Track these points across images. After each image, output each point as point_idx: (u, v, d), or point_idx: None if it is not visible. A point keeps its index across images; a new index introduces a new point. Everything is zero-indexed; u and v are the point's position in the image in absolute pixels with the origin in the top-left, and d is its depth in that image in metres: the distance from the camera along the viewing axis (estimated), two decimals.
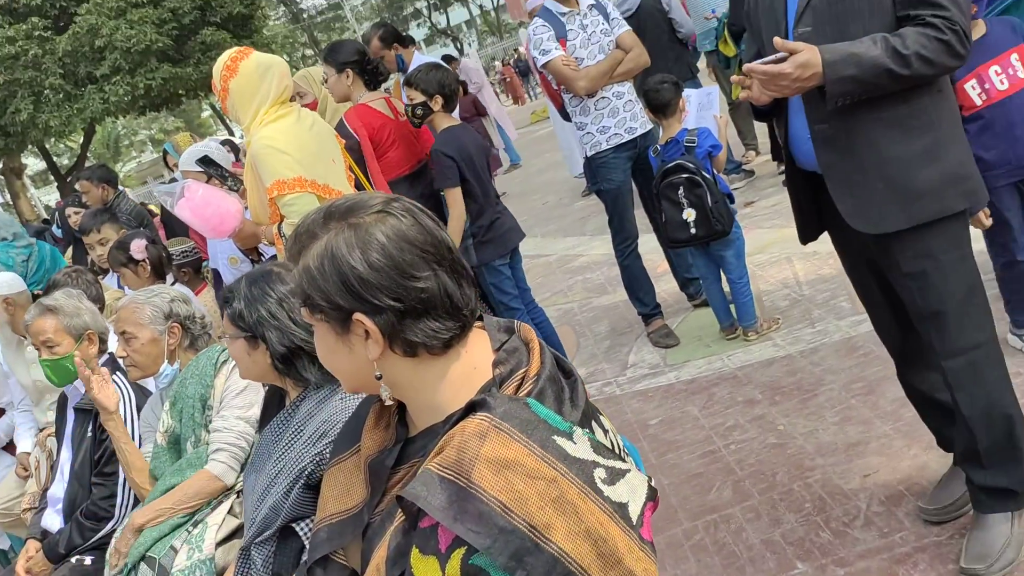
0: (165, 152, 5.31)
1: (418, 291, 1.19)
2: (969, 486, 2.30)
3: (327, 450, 1.78)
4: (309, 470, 1.79)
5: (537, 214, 9.18)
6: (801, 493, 2.81)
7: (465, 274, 1.27)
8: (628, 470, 1.17)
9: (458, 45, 57.95)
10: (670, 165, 3.86)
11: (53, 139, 18.79)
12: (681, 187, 3.83)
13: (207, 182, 3.81)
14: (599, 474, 1.14)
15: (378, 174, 3.65)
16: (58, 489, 2.90)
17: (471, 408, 1.19)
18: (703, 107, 4.31)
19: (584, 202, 8.41)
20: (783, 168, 5.01)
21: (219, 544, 2.25)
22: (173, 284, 3.82)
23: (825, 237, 2.44)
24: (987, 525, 2.23)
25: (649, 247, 5.00)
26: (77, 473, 2.80)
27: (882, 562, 2.39)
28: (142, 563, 2.27)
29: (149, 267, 3.75)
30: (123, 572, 2.28)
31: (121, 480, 2.71)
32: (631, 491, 1.15)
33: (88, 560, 2.66)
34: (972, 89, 2.82)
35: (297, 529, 1.81)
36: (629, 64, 4.20)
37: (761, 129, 7.73)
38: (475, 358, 1.28)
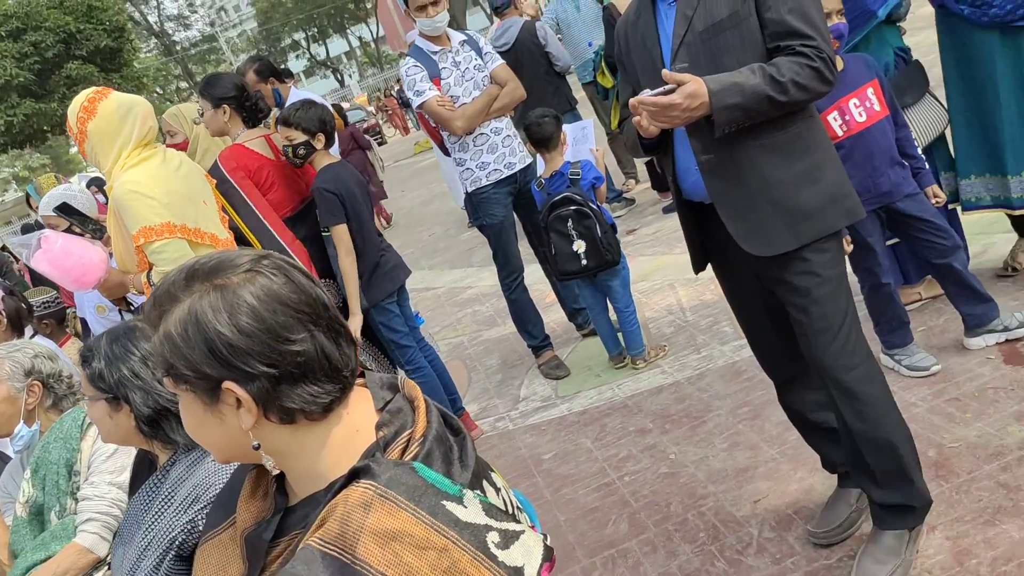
0: (28, 195, 5.00)
1: (294, 355, 1.12)
2: (869, 502, 2.35)
3: (199, 517, 1.67)
4: (180, 540, 1.67)
5: (423, 246, 9.12)
6: (695, 522, 2.82)
7: (344, 332, 1.21)
8: (522, 531, 1.13)
9: (338, 77, 57.57)
10: (557, 198, 3.87)
11: None
12: (570, 219, 3.85)
13: (68, 229, 3.60)
14: (492, 538, 1.08)
15: (270, 212, 3.50)
16: None
17: (354, 475, 1.11)
18: (578, 141, 4.38)
19: (470, 233, 8.39)
20: (663, 197, 5.03)
21: None
22: (33, 337, 3.57)
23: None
24: (882, 542, 2.28)
25: (535, 277, 5.02)
26: None
27: None
28: None
29: (5, 321, 3.50)
30: None
31: None
32: (526, 553, 1.11)
33: None
34: (834, 120, 2.94)
35: None
36: (505, 99, 4.20)
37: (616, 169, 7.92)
38: (357, 420, 1.21)
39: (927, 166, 3.22)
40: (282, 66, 7.01)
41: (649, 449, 3.38)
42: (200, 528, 1.67)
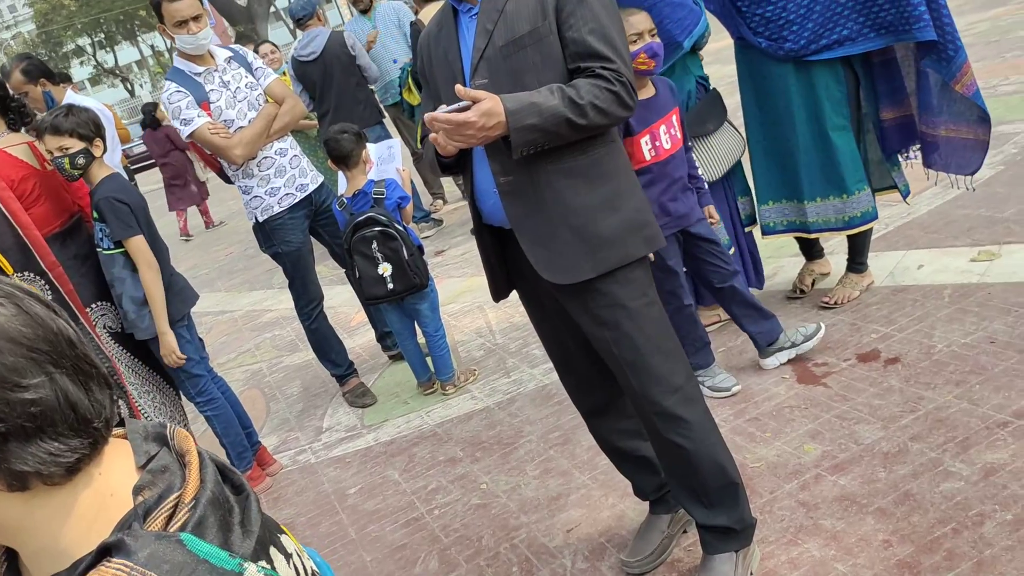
0: None
1: (26, 404, 0.89)
2: (697, 528, 2.32)
3: None
4: None
5: (220, 266, 8.63)
6: (508, 556, 2.72)
7: (95, 374, 0.99)
8: None
9: (128, 86, 54.32)
10: (361, 218, 3.68)
11: None
12: (375, 240, 3.67)
13: None
14: None
15: (31, 228, 3.07)
16: None
17: (104, 553, 0.90)
18: (384, 160, 4.21)
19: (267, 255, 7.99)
20: None
21: None
22: None
23: None
24: (712, 567, 2.26)
25: (339, 300, 4.79)
26: None
27: None
28: None
29: None
30: None
31: None
32: None
33: None
34: (645, 145, 2.95)
35: None
36: (285, 118, 3.90)
37: (448, 177, 7.86)
38: (112, 482, 0.99)
39: (706, 186, 3.31)
40: (63, 71, 6.41)
41: (460, 479, 3.26)
42: None
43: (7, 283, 0.97)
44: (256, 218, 3.95)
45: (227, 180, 4.07)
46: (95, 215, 3.23)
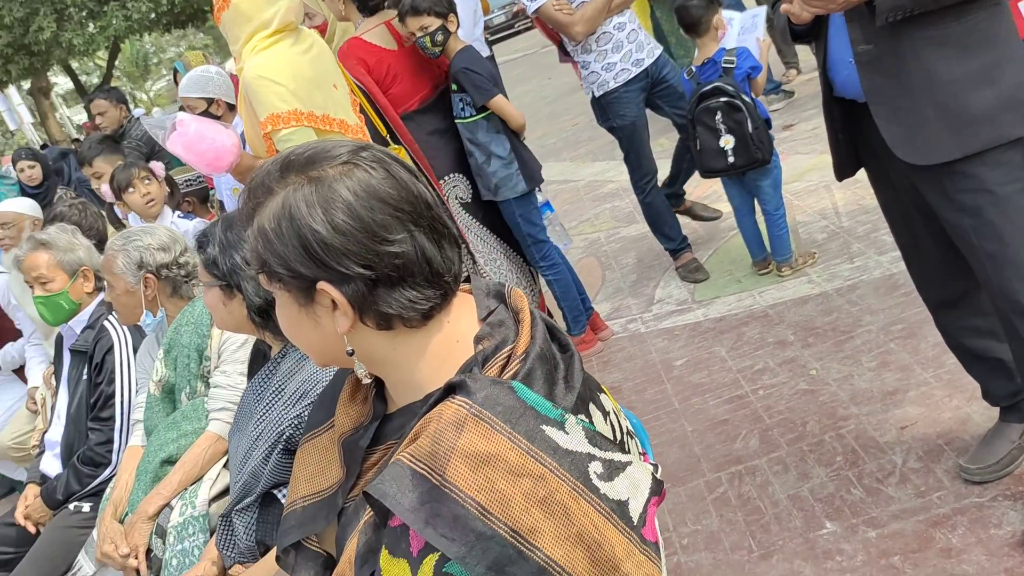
0: (175, 71, 5.09)
1: (391, 256, 1.01)
2: None
3: (306, 412, 1.64)
4: (288, 435, 1.66)
5: (566, 137, 8.89)
6: (832, 445, 2.64)
7: (448, 234, 1.09)
8: (629, 463, 1.01)
9: None
10: (707, 88, 3.59)
11: (79, 58, 18.56)
12: (719, 112, 3.57)
13: (205, 112, 3.63)
14: (595, 468, 0.97)
15: (388, 109, 3.40)
16: (55, 433, 2.81)
17: (449, 390, 1.02)
18: (746, 30, 4.00)
19: None
20: None
21: (213, 500, 2.14)
22: (176, 209, 3.65)
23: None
24: None
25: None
26: (73, 417, 2.71)
27: (917, 524, 2.23)
28: None
29: (166, 189, 3.57)
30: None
31: (118, 425, 2.62)
32: (632, 487, 0.99)
33: (86, 507, 2.57)
34: None
35: (279, 496, 1.68)
36: None
37: (803, 46, 7.34)
38: (459, 329, 1.11)
39: None
40: None
41: (788, 363, 3.18)
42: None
43: (379, 150, 1.09)
44: (592, 93, 4.04)
45: (566, 57, 4.16)
46: (454, 87, 3.47)
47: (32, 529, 2.67)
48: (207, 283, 1.79)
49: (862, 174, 2.25)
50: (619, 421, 1.16)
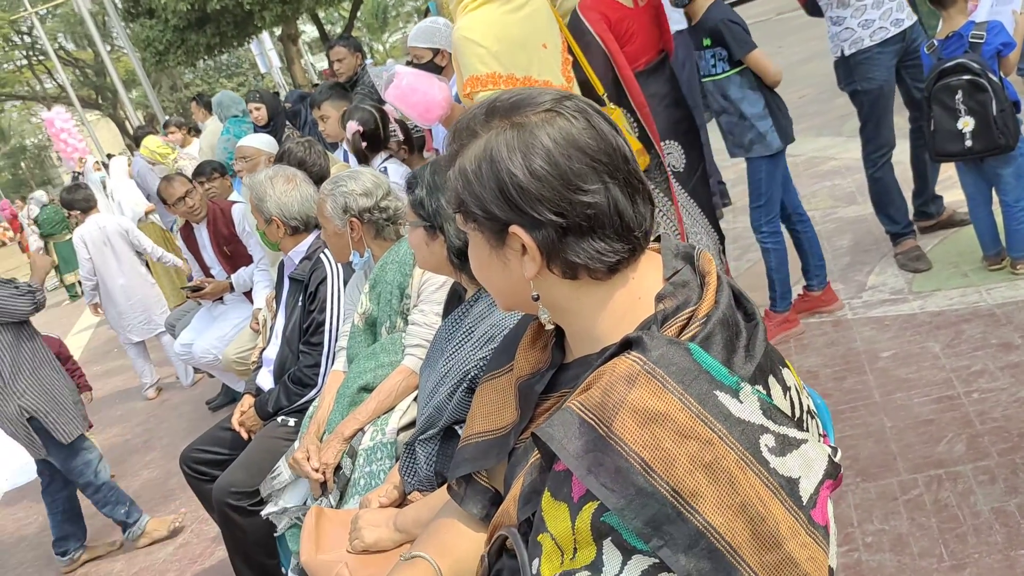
0: (427, 10, 5.30)
1: (584, 206, 1.03)
2: None
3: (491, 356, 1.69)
4: (472, 374, 1.72)
5: (792, 109, 8.44)
6: None
7: (642, 190, 1.09)
8: (804, 440, 0.97)
9: None
10: (949, 64, 3.30)
11: (325, 7, 19.65)
12: (960, 91, 3.28)
13: (430, 61, 3.75)
14: (766, 441, 0.95)
15: (625, 67, 3.38)
16: (272, 351, 3.06)
17: (625, 345, 1.02)
18: (1001, 1, 3.65)
19: (846, 98, 7.61)
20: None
21: (402, 430, 2.26)
22: (387, 160, 3.82)
23: None
24: None
25: (902, 157, 4.43)
26: (288, 338, 2.93)
27: None
28: None
29: (362, 147, 3.75)
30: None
31: (326, 351, 2.81)
32: (805, 465, 0.96)
33: (292, 422, 2.79)
34: None
35: (459, 431, 1.75)
36: None
37: None
38: (643, 286, 1.11)
39: None
40: None
41: (1011, 367, 2.92)
42: None
43: (583, 100, 1.10)
44: (843, 51, 3.82)
45: (816, 12, 3.96)
46: (706, 42, 3.41)
47: (245, 435, 2.94)
48: (413, 223, 1.87)
49: None
50: (800, 398, 1.11)
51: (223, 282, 4.67)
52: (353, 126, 3.72)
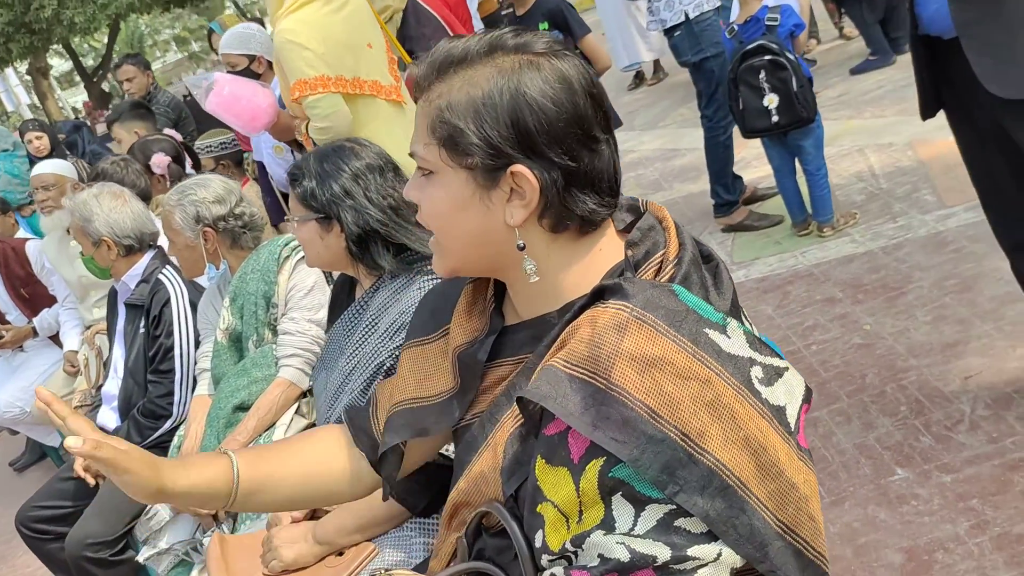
0: (211, 31, 5.04)
1: (593, 156, 0.99)
2: None
3: None
4: (388, 365, 1.64)
5: None
6: (895, 395, 2.63)
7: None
8: (786, 368, 0.99)
9: None
10: (751, 46, 3.56)
11: (78, 37, 18.36)
12: (763, 70, 3.54)
13: (246, 68, 3.59)
14: (756, 373, 0.95)
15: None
16: (112, 386, 2.79)
17: (598, 295, 0.99)
18: None
19: (630, 96, 8.03)
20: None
21: None
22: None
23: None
24: None
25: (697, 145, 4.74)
26: (131, 370, 2.68)
27: (994, 468, 2.23)
28: None
29: (167, 183, 3.51)
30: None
31: (178, 378, 2.59)
32: (788, 392, 0.97)
33: None
34: None
35: None
36: None
37: (822, 15, 7.32)
38: (600, 240, 1.08)
39: None
40: None
41: (839, 319, 3.17)
42: None
43: (561, 50, 1.05)
44: (686, 14, 3.97)
45: None
46: (543, 25, 3.55)
47: (92, 481, 2.65)
48: (302, 217, 1.76)
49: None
50: (756, 335, 1.14)
51: (24, 328, 4.20)
52: (162, 158, 3.47)
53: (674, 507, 0.90)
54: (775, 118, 3.60)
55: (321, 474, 1.32)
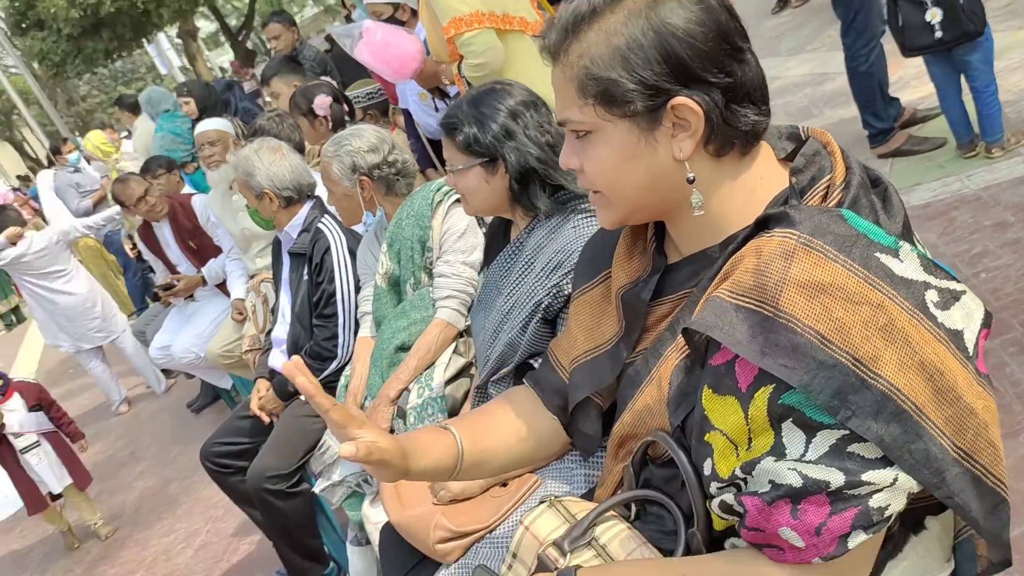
0: None
1: (743, 67, 1.00)
2: None
3: (564, 282, 1.65)
4: (546, 303, 1.67)
5: None
6: None
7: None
8: (963, 291, 0.95)
9: None
10: None
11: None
12: None
13: (390, 18, 3.65)
14: (931, 297, 0.92)
15: None
16: (281, 331, 2.95)
17: (762, 224, 0.98)
18: None
19: (775, 20, 7.67)
20: None
21: (448, 382, 2.20)
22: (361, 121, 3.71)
23: None
24: None
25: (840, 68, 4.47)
26: (298, 315, 2.83)
27: None
28: None
29: (329, 124, 3.62)
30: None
31: (342, 321, 2.72)
32: (966, 316, 0.94)
33: None
34: None
35: (535, 365, 1.70)
36: None
37: None
38: (761, 167, 1.08)
39: None
40: None
41: (1011, 244, 2.98)
42: (566, 292, 1.65)
43: None
44: None
45: None
46: None
47: (266, 420, 2.84)
48: (465, 165, 1.78)
49: None
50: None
51: (195, 277, 4.50)
52: (324, 99, 3.58)
53: (847, 432, 0.90)
54: (938, 34, 3.36)
55: (521, 442, 1.39)
